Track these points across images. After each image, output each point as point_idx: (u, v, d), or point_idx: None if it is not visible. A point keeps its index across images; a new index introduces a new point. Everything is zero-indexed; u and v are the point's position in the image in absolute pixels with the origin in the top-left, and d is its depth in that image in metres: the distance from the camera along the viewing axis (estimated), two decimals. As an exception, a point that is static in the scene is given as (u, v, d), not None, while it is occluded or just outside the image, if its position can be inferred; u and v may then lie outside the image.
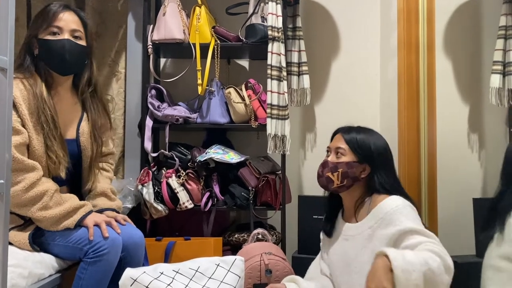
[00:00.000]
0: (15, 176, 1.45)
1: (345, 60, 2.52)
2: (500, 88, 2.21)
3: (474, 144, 2.45)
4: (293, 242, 2.23)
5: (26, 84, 1.54)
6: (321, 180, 1.57)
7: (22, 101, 1.51)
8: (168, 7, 2.19)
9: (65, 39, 1.58)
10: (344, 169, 1.52)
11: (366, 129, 1.61)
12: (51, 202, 1.50)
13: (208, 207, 2.15)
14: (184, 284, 1.50)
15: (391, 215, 1.41)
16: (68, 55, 1.58)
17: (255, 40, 2.18)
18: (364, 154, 1.53)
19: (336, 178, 1.53)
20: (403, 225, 1.37)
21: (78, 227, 1.52)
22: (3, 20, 1.14)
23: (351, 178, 1.52)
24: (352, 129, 1.59)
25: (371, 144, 1.54)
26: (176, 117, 2.17)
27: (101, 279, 1.49)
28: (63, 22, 1.59)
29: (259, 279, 1.77)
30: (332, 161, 1.55)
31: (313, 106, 2.51)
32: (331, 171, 1.54)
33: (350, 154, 1.54)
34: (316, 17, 2.53)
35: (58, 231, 1.52)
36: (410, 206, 1.46)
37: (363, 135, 1.56)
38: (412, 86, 2.10)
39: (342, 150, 1.54)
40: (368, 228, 1.47)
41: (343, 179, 1.52)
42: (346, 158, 1.53)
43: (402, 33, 2.12)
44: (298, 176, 2.51)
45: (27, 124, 1.51)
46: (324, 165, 1.57)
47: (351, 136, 1.55)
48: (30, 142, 1.52)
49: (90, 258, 1.47)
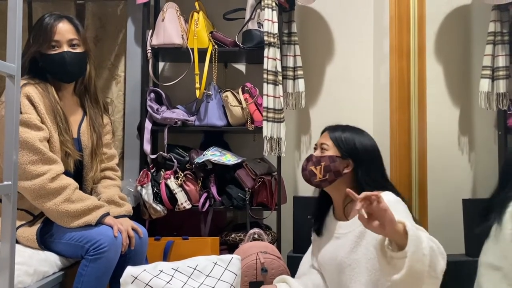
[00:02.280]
0: (39, 168, 1.52)
1: (339, 64, 2.55)
2: (489, 92, 2.25)
3: (464, 147, 2.49)
4: (288, 241, 2.26)
5: (39, 88, 1.64)
6: (305, 173, 1.60)
7: (39, 101, 1.60)
8: (167, 12, 2.23)
9: (65, 52, 1.66)
10: (327, 162, 1.54)
11: (353, 127, 1.64)
12: (73, 196, 1.56)
13: (205, 207, 2.18)
14: (183, 281, 1.53)
15: None
16: (69, 66, 1.68)
17: (252, 45, 2.22)
18: (347, 149, 1.56)
19: (318, 172, 1.55)
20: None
21: (99, 224, 1.58)
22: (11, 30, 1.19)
23: (333, 172, 1.54)
24: (338, 127, 1.63)
25: (356, 141, 1.57)
26: (175, 120, 2.21)
27: (102, 276, 1.54)
28: (60, 35, 1.67)
29: (255, 277, 1.80)
30: (316, 155, 1.58)
31: (308, 109, 2.55)
32: (314, 165, 1.56)
33: (333, 149, 1.57)
34: (311, 23, 2.57)
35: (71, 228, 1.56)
36: (401, 201, 1.47)
37: (349, 132, 1.60)
38: (404, 90, 2.14)
39: (326, 146, 1.58)
40: (360, 225, 1.44)
41: (325, 173, 1.54)
42: (329, 152, 1.56)
43: (394, 39, 2.17)
44: (293, 177, 2.55)
45: (46, 121, 1.60)
46: (308, 159, 1.60)
47: (335, 133, 1.60)
48: (51, 137, 1.60)
49: (91, 256, 1.52)
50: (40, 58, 1.67)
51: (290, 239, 2.25)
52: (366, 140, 1.59)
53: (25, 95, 1.56)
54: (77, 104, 1.79)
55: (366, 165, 1.55)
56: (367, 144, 1.58)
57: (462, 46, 2.50)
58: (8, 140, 1.21)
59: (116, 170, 1.90)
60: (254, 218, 2.27)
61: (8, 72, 1.19)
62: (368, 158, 1.56)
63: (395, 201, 1.45)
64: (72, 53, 1.68)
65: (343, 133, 1.59)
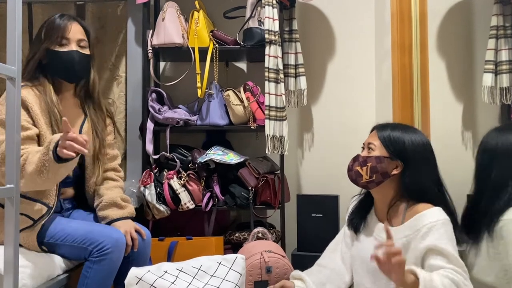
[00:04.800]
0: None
1: (340, 61, 2.54)
2: (492, 86, 2.24)
3: (467, 142, 2.48)
4: (292, 240, 2.26)
5: (36, 91, 1.64)
6: (350, 174, 1.54)
7: (34, 103, 1.60)
8: (167, 12, 2.22)
9: (74, 51, 1.67)
10: (373, 163, 1.47)
11: (404, 126, 1.55)
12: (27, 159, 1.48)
13: (209, 207, 2.18)
14: (188, 282, 1.53)
15: (429, 229, 1.36)
16: (77, 65, 1.68)
17: (253, 43, 2.21)
18: (396, 149, 1.47)
19: (365, 173, 1.48)
20: (432, 242, 1.34)
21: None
22: (11, 32, 1.19)
23: (380, 173, 1.46)
24: (387, 125, 1.55)
25: (405, 140, 1.47)
26: (177, 120, 2.20)
27: (106, 277, 1.53)
28: (71, 33, 1.68)
29: (260, 277, 1.80)
30: (363, 155, 1.51)
31: (310, 106, 2.55)
32: (360, 165, 1.49)
33: (380, 149, 1.49)
34: (312, 19, 2.56)
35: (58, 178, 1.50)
36: (449, 223, 1.40)
37: (398, 131, 1.50)
38: (406, 87, 2.13)
39: (373, 145, 1.50)
40: (404, 237, 1.42)
41: (372, 173, 1.47)
42: (377, 152, 1.49)
43: (396, 35, 2.15)
44: (297, 175, 2.55)
45: (39, 124, 1.59)
46: (355, 159, 1.53)
47: (384, 132, 1.51)
48: (44, 140, 1.58)
49: (94, 257, 1.52)
50: (47, 56, 1.67)
51: (294, 238, 2.25)
52: (417, 138, 1.49)
53: None
54: (78, 106, 1.78)
55: (416, 168, 1.46)
56: (418, 143, 1.48)
57: (465, 40, 2.49)
58: (9, 143, 1.21)
59: (118, 171, 1.89)
60: (257, 217, 2.27)
61: (8, 74, 1.19)
62: (419, 160, 1.47)
63: (443, 222, 1.38)
64: (80, 53, 1.69)
65: (392, 132, 1.50)
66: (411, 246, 1.39)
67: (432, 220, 1.38)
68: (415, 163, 1.46)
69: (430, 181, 1.48)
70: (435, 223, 1.37)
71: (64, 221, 1.62)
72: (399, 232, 1.43)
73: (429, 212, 1.40)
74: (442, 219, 1.39)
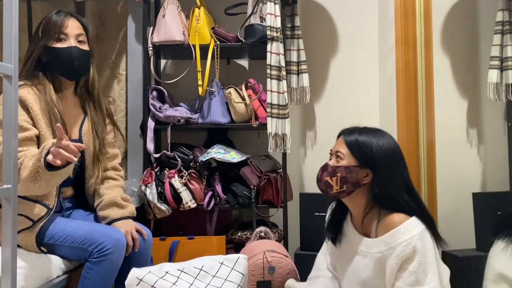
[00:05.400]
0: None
1: (343, 58, 2.52)
2: (498, 83, 2.21)
3: (473, 139, 2.46)
4: (295, 239, 2.25)
5: (35, 90, 1.62)
6: (320, 184, 1.49)
7: (34, 103, 1.58)
8: (167, 9, 2.20)
9: (73, 47, 1.65)
10: (343, 173, 1.42)
11: (371, 130, 1.48)
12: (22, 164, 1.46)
13: (210, 206, 2.16)
14: (189, 282, 1.52)
15: (405, 247, 1.32)
16: (76, 62, 1.66)
17: (254, 40, 2.19)
18: (364, 157, 1.42)
19: (335, 183, 1.44)
20: (409, 267, 1.31)
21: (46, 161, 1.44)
22: (7, 30, 1.17)
23: (351, 183, 1.42)
24: (354, 130, 1.48)
25: (373, 147, 1.42)
26: (178, 118, 2.19)
27: (106, 278, 1.52)
28: (69, 28, 1.66)
29: (262, 277, 1.79)
30: (332, 165, 1.46)
31: (312, 104, 2.52)
32: (329, 176, 1.45)
33: (349, 158, 1.43)
34: (314, 16, 2.54)
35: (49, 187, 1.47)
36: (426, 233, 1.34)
37: (365, 136, 1.44)
38: (410, 83, 2.10)
39: (341, 154, 1.44)
40: (379, 252, 1.38)
41: (342, 184, 1.42)
42: (345, 162, 1.43)
43: (400, 31, 2.13)
44: (299, 174, 2.53)
45: (39, 124, 1.57)
46: (324, 168, 1.48)
47: (351, 139, 1.45)
48: (44, 140, 1.56)
49: (95, 258, 1.50)
50: (46, 53, 1.65)
51: (297, 237, 2.24)
52: (384, 144, 1.43)
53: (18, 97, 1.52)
54: (78, 105, 1.76)
55: (385, 176, 1.40)
56: (386, 149, 1.42)
57: (470, 36, 2.46)
58: (6, 143, 1.19)
59: (118, 170, 1.87)
60: (260, 216, 2.26)
61: (5, 72, 1.17)
62: (387, 167, 1.41)
63: (417, 239, 1.32)
64: (79, 48, 1.67)
65: (359, 137, 1.44)
66: (387, 262, 1.35)
67: (407, 238, 1.32)
68: (384, 170, 1.40)
69: (401, 189, 1.41)
70: (410, 240, 1.32)
71: (63, 221, 1.60)
72: (374, 246, 1.39)
73: (403, 227, 1.34)
74: (418, 233, 1.33)
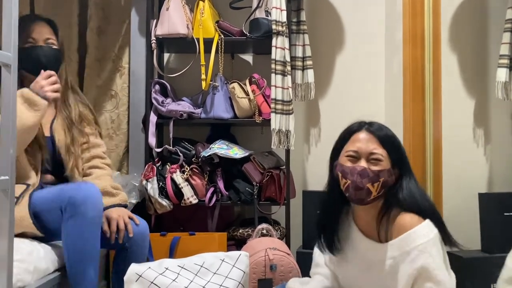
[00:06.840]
0: None
1: (349, 54, 2.50)
2: (507, 82, 2.20)
3: (479, 139, 2.44)
4: (297, 237, 2.23)
5: None
6: (360, 193, 1.26)
7: None
8: (171, 1, 2.18)
9: (39, 45, 1.70)
10: (385, 177, 1.25)
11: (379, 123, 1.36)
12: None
13: (212, 202, 2.15)
14: (189, 279, 1.50)
15: (420, 252, 1.21)
16: (44, 58, 1.69)
17: (259, 34, 2.17)
18: (399, 157, 1.29)
19: (375, 190, 1.26)
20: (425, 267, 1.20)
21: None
22: (7, 17, 1.15)
23: (387, 187, 1.28)
24: (374, 124, 1.32)
25: (398, 141, 1.31)
26: (180, 113, 2.17)
27: (84, 232, 1.46)
28: (37, 34, 1.71)
29: (264, 274, 1.77)
30: (373, 169, 1.26)
31: (317, 100, 2.50)
32: (371, 182, 1.25)
33: (387, 159, 1.27)
34: (321, 11, 2.51)
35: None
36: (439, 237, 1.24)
37: (387, 130, 1.31)
38: (418, 80, 2.09)
39: (380, 156, 1.26)
40: (391, 258, 1.26)
41: (381, 189, 1.26)
42: (385, 164, 1.27)
43: (408, 27, 2.11)
44: (303, 171, 2.51)
45: None
46: (363, 174, 1.25)
47: (381, 135, 1.28)
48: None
49: (67, 214, 1.46)
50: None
51: (299, 235, 2.23)
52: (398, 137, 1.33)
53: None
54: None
55: (410, 174, 1.29)
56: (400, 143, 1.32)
57: (479, 34, 2.44)
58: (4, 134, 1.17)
59: (103, 158, 1.84)
60: (262, 213, 2.24)
61: (4, 61, 1.14)
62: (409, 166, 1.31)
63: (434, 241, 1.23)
64: (48, 46, 1.71)
65: (388, 134, 1.30)
66: (399, 269, 1.23)
67: (422, 241, 1.22)
68: (408, 170, 1.30)
69: (419, 187, 1.31)
70: (426, 244, 1.21)
71: (43, 191, 1.59)
72: (386, 250, 1.27)
73: (418, 230, 1.23)
74: (433, 237, 1.23)
